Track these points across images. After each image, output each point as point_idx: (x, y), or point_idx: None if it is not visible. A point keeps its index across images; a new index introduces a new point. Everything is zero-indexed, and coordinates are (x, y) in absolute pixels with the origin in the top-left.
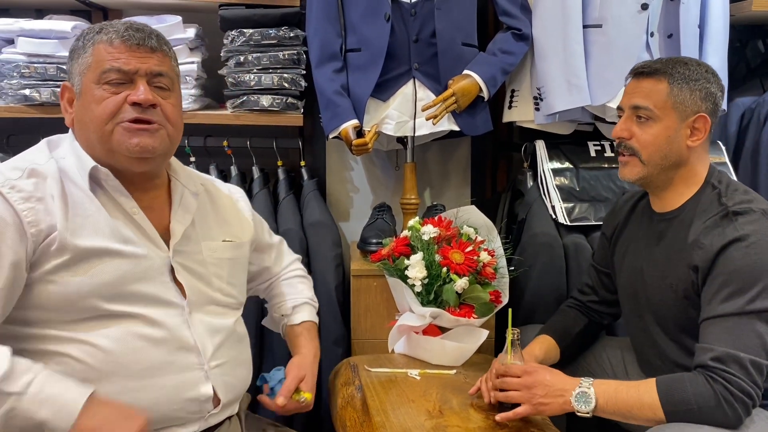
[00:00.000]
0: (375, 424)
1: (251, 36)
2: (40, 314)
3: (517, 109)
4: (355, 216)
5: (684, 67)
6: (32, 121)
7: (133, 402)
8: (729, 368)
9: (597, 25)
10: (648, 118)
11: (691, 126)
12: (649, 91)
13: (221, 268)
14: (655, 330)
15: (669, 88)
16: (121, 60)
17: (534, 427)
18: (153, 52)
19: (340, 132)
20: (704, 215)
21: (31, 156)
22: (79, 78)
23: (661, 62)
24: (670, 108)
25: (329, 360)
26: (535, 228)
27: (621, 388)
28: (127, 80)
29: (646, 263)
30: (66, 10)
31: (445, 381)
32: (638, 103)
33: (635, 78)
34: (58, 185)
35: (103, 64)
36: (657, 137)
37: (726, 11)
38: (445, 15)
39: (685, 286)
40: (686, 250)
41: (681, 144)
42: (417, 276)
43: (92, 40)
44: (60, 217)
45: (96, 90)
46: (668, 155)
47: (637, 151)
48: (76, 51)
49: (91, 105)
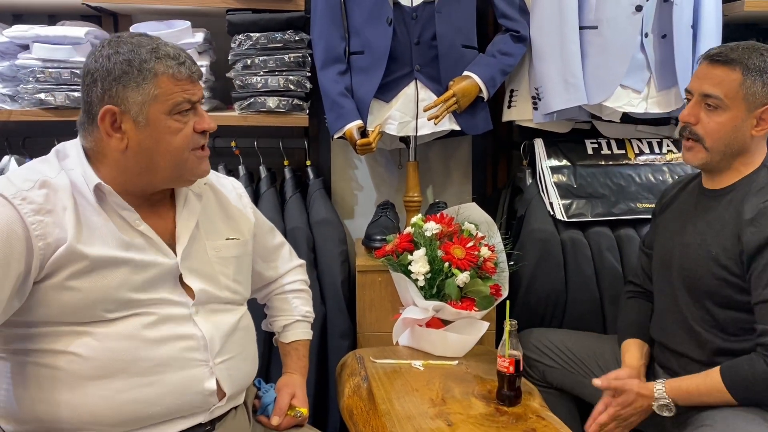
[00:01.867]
0: (380, 412)
1: (258, 40)
2: (50, 317)
3: (516, 109)
4: (359, 213)
5: (759, 57)
6: (47, 124)
7: (140, 397)
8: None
9: (593, 26)
10: (717, 107)
11: (758, 117)
12: (721, 80)
13: (227, 267)
14: (682, 295)
15: (742, 78)
16: (190, 92)
17: (533, 413)
18: (199, 79)
19: (345, 132)
20: (762, 194)
21: (42, 167)
22: (140, 107)
23: (737, 50)
24: (741, 99)
25: (336, 352)
26: (534, 224)
27: (691, 384)
28: (192, 109)
29: (686, 233)
30: (77, 16)
31: (448, 371)
32: (709, 91)
33: (709, 63)
34: (71, 198)
35: (173, 96)
36: (723, 126)
37: (718, 11)
38: (445, 18)
39: (729, 256)
40: (740, 224)
41: (746, 133)
42: (420, 271)
43: (152, 71)
44: (71, 228)
45: (169, 121)
46: (732, 144)
47: (701, 137)
48: (130, 77)
49: (165, 136)
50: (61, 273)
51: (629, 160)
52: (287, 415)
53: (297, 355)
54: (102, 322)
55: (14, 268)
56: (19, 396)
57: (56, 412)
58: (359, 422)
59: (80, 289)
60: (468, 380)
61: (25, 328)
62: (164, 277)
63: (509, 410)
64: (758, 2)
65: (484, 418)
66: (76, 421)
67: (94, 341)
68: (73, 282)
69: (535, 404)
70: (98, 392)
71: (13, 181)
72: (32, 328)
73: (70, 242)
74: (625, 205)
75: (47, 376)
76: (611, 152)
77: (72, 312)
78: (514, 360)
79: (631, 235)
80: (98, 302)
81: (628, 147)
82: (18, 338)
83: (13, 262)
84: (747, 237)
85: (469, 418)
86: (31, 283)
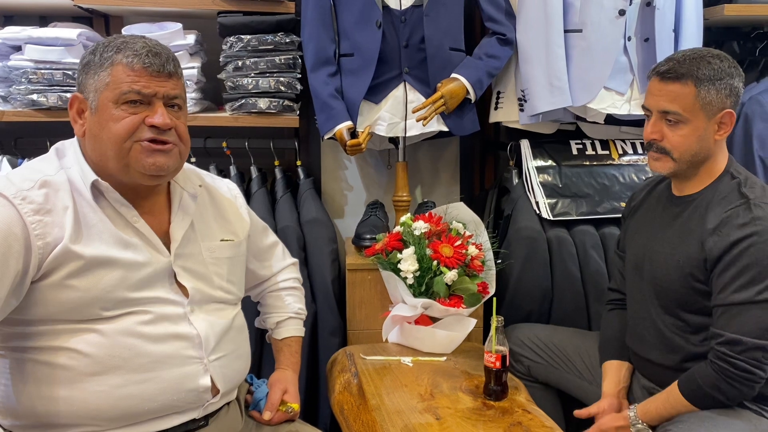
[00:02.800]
0: (371, 406)
1: (249, 42)
2: (48, 315)
3: (503, 110)
4: (349, 213)
5: (708, 66)
6: (39, 124)
7: (136, 393)
8: (730, 351)
9: (577, 30)
10: (678, 121)
11: (718, 122)
12: (676, 96)
13: (221, 267)
14: (653, 303)
15: (696, 90)
16: (141, 83)
17: (519, 407)
18: (170, 78)
19: (335, 133)
20: (725, 203)
21: (42, 166)
22: (95, 94)
23: (685, 64)
24: (699, 109)
25: (326, 349)
26: (521, 223)
27: (658, 404)
28: (144, 101)
29: (656, 240)
30: (68, 17)
31: (436, 367)
32: (666, 107)
33: (661, 80)
34: (70, 197)
35: (122, 86)
36: (688, 138)
37: (699, 16)
38: (433, 21)
39: (694, 264)
40: (703, 233)
41: (710, 140)
42: (409, 269)
43: (111, 60)
44: (69, 227)
45: (114, 109)
46: (699, 152)
47: (668, 151)
48: (92, 66)
49: (108, 123)
50: (58, 272)
51: (613, 160)
52: (279, 410)
53: (290, 351)
54: (100, 320)
55: (12, 268)
56: (17, 392)
57: (54, 407)
58: (350, 417)
59: (77, 288)
60: (456, 376)
61: (24, 326)
62: (159, 276)
63: (496, 404)
64: (738, 8)
65: (472, 412)
66: (74, 416)
67: (91, 338)
68: (71, 281)
69: (521, 398)
70: (95, 388)
71: (14, 181)
72: (30, 326)
73: (65, 242)
74: (609, 204)
75: (45, 372)
76: (595, 153)
77: (69, 310)
78: (501, 356)
79: (615, 233)
80: (95, 301)
81: (612, 148)
82: (16, 336)
83: (11, 261)
84: (709, 245)
85: (456, 412)
86: (29, 283)
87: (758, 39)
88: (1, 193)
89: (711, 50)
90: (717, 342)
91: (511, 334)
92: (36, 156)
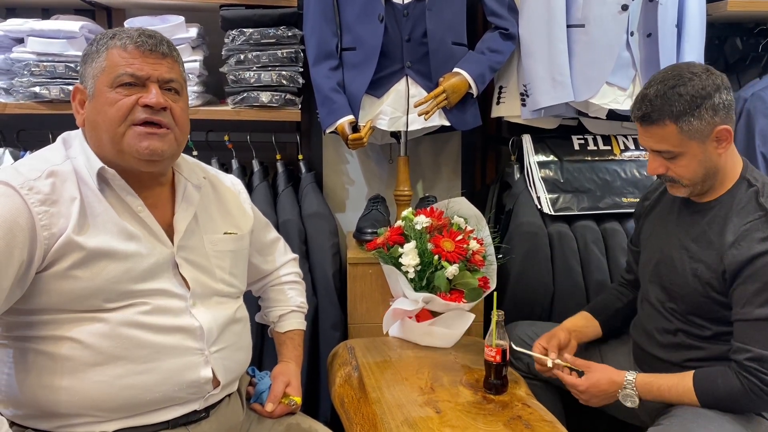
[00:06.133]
0: (371, 400)
1: (251, 35)
2: (51, 305)
3: (505, 105)
4: (351, 207)
5: (679, 99)
6: (41, 117)
7: (137, 384)
8: (761, 367)
9: (580, 24)
10: (674, 156)
11: (715, 139)
12: (661, 137)
13: (223, 260)
14: (667, 306)
15: (677, 127)
16: (135, 65)
17: (519, 401)
18: (164, 58)
19: (337, 127)
20: (743, 213)
21: (49, 155)
22: (92, 81)
23: (656, 103)
24: (687, 140)
25: (327, 343)
26: (522, 218)
27: (663, 383)
28: (139, 84)
29: (673, 246)
30: (71, 10)
31: (437, 361)
32: (657, 148)
33: (641, 125)
34: (76, 187)
35: (116, 69)
36: (689, 166)
37: (702, 11)
38: (436, 16)
39: (711, 274)
40: (723, 246)
41: (713, 157)
42: (410, 263)
43: (106, 45)
44: (74, 218)
45: (109, 93)
46: (707, 172)
47: (677, 180)
48: (90, 55)
49: (104, 107)
50: (62, 263)
51: (615, 155)
52: (281, 403)
53: (292, 344)
54: (102, 310)
55: (16, 258)
56: (19, 381)
57: (56, 397)
58: (350, 410)
59: (81, 279)
60: (456, 369)
61: (27, 315)
62: (162, 267)
63: (496, 398)
64: (741, 2)
65: (472, 405)
66: (75, 406)
67: (94, 329)
68: (74, 272)
69: (521, 392)
70: (97, 378)
71: (21, 171)
72: (34, 315)
73: (68, 233)
74: (610, 200)
75: (48, 362)
76: (597, 148)
77: (72, 300)
78: (501, 349)
79: (616, 228)
80: (99, 292)
81: (614, 143)
82: (20, 325)
83: (15, 252)
84: (729, 259)
85: (456, 405)
86: (34, 273)
87: (761, 35)
88: (9, 183)
89: (688, 67)
90: (745, 357)
91: (512, 332)
92: (38, 149)
